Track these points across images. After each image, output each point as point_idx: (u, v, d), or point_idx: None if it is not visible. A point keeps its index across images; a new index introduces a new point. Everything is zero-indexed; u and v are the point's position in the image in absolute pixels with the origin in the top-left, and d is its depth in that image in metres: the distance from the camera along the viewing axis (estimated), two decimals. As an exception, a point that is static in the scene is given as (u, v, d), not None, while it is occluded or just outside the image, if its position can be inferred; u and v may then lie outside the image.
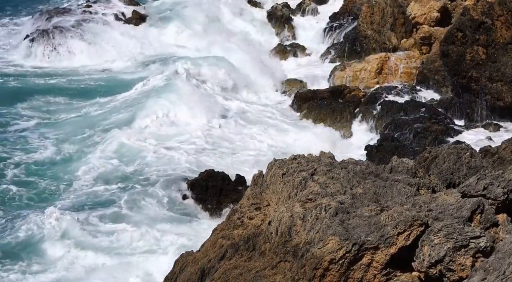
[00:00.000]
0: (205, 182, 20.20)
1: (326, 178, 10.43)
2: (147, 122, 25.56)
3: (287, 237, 9.54)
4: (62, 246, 17.15)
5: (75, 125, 25.62)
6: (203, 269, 10.45)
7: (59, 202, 19.56)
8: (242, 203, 11.38)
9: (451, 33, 25.90)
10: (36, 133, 24.87)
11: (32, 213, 18.45)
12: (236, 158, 23.56)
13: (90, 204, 19.59)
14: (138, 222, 18.34)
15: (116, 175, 21.54)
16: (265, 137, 25.43)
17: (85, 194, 20.25)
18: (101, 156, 22.70)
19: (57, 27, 35.09)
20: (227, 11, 40.74)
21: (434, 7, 30.69)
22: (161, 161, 22.57)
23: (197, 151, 23.78)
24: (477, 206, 8.63)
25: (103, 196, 20.19)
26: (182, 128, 25.63)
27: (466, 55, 25.19)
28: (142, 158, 22.72)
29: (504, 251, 7.62)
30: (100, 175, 21.46)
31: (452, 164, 11.31)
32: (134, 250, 17.25)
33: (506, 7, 24.43)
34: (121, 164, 22.24)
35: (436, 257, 8.13)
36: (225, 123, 26.43)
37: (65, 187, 20.88)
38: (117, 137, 23.74)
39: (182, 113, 26.36)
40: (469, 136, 23.65)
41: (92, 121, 26.10)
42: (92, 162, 22.26)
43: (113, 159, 22.55)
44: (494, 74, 24.58)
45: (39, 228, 17.68)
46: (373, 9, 31.97)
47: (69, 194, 20.36)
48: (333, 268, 8.61)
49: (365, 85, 29.46)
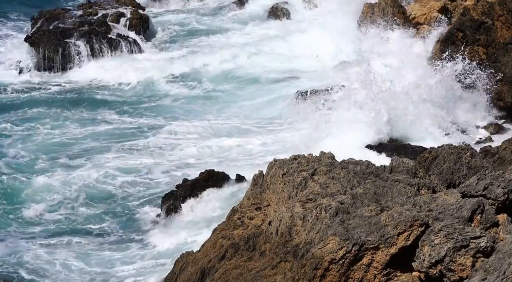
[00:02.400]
0: (205, 182, 20.17)
1: (327, 178, 10.44)
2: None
3: (287, 237, 9.55)
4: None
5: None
6: (203, 269, 10.45)
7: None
8: (243, 203, 11.39)
9: (451, 33, 25.90)
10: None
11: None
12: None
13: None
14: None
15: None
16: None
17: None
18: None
19: (57, 28, 35.04)
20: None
21: (434, 7, 30.65)
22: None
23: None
24: (478, 206, 8.63)
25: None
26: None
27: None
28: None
29: (504, 251, 7.62)
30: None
31: (453, 164, 11.31)
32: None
33: (506, 7, 24.42)
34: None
35: (437, 257, 8.13)
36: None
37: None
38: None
39: None
40: (469, 137, 23.60)
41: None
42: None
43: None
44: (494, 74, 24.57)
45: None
46: (373, 9, 31.97)
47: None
48: (333, 268, 8.61)
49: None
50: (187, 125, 23.63)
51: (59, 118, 24.64)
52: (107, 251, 16.74)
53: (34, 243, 17.03)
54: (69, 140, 22.83)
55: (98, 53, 30.05)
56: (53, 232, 17.68)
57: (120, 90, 27.53)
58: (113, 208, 18.77)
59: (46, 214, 18.49)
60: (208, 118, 24.36)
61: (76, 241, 17.18)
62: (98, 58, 29.90)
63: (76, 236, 17.44)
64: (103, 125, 23.99)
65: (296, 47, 30.34)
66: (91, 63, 29.64)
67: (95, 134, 23.19)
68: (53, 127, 23.84)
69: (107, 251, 16.77)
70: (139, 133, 23.30)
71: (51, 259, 16.32)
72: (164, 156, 21.55)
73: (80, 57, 29.77)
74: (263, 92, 26.60)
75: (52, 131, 23.52)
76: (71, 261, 16.25)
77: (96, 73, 29.01)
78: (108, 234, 17.67)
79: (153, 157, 21.42)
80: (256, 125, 23.63)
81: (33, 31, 32.36)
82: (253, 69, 28.69)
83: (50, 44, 30.14)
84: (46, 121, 24.31)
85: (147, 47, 31.38)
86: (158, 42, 32.54)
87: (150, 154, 21.71)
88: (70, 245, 17.02)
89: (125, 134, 23.21)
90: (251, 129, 23.26)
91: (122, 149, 21.97)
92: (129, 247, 16.93)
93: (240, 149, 21.74)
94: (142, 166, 20.77)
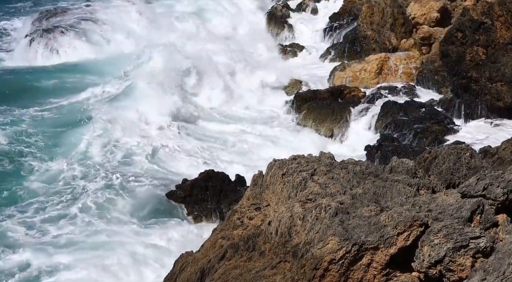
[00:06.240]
0: (205, 182, 20.20)
1: (326, 178, 10.44)
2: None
3: (287, 237, 9.55)
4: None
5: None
6: (203, 269, 10.45)
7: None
8: (242, 203, 11.39)
9: (451, 34, 25.91)
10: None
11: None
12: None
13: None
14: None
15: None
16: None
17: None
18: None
19: (57, 27, 35.09)
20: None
21: (434, 7, 30.68)
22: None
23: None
24: (477, 206, 8.63)
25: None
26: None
27: (466, 56, 25.19)
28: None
29: (504, 251, 7.62)
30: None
31: (452, 164, 11.31)
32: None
33: (506, 7, 24.44)
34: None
35: (436, 257, 8.13)
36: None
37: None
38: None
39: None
40: (469, 137, 23.65)
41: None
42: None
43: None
44: (494, 74, 24.58)
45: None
46: (373, 9, 31.99)
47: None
48: (333, 268, 8.61)
49: (365, 85, 29.47)
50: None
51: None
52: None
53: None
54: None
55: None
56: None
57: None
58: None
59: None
60: None
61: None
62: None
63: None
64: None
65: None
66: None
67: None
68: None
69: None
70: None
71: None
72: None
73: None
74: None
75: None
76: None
77: None
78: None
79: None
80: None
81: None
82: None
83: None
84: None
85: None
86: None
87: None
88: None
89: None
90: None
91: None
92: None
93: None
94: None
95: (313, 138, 25.66)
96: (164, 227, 19.04)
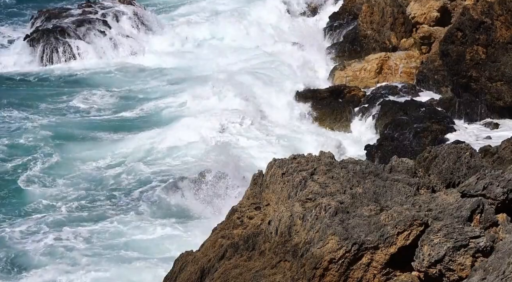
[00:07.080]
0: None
1: (326, 177, 10.44)
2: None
3: (286, 237, 9.55)
4: None
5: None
6: (202, 269, 10.45)
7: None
8: (242, 203, 11.39)
9: (451, 33, 25.88)
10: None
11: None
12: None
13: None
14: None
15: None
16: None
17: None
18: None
19: (57, 27, 35.01)
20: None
21: (434, 6, 30.65)
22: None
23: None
24: (477, 206, 8.62)
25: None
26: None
27: (466, 55, 25.16)
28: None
29: (504, 250, 7.62)
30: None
31: (452, 163, 11.30)
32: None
33: (506, 6, 24.41)
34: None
35: (436, 257, 8.13)
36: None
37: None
38: None
39: None
40: (469, 136, 23.63)
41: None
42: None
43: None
44: (494, 74, 24.55)
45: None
46: (372, 9, 31.94)
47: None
48: (333, 267, 8.60)
49: (365, 85, 29.42)
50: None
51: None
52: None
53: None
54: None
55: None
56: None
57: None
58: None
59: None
60: None
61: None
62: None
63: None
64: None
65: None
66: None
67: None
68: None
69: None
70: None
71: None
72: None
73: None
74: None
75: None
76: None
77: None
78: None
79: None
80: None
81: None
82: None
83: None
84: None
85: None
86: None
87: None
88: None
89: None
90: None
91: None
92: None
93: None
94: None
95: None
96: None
